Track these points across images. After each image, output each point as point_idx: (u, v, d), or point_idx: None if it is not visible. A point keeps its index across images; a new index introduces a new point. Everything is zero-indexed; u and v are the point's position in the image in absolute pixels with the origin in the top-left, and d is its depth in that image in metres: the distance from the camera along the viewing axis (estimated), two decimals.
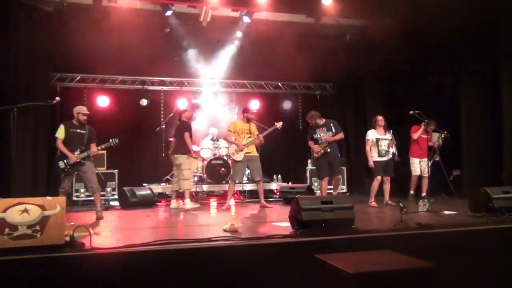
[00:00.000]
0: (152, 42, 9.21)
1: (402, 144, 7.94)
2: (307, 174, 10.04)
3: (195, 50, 10.16)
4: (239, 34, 9.81)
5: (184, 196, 7.54)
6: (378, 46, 8.33)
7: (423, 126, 7.49)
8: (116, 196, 8.75)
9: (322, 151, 7.12)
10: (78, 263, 3.27)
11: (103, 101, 10.13)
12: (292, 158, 11.13)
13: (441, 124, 7.58)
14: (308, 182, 9.79)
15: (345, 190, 9.57)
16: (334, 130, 7.23)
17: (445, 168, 7.34)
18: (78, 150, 6.03)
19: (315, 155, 7.34)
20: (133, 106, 10.35)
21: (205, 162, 9.51)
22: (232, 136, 7.51)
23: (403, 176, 8.03)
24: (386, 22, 7.84)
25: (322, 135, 7.23)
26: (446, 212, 5.70)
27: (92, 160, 6.32)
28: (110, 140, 6.31)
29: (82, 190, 8.43)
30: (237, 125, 7.60)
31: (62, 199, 3.62)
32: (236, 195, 8.91)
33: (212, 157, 9.70)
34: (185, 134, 7.50)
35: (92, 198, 6.55)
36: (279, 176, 10.05)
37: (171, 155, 7.81)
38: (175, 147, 7.75)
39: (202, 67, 10.53)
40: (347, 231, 4.09)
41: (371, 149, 7.41)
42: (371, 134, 7.45)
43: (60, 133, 6.08)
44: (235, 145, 7.40)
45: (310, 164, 10.22)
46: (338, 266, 3.04)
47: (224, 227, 4.50)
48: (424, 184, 7.76)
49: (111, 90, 10.32)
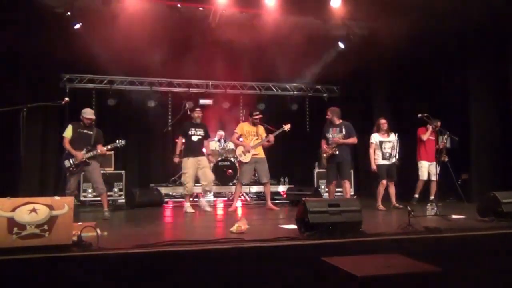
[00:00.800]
0: (160, 44, 9.24)
1: (410, 148, 7.90)
2: (314, 177, 10.01)
3: (203, 52, 10.18)
4: (247, 35, 9.80)
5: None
6: (386, 48, 8.29)
7: (430, 127, 7.44)
8: (123, 197, 8.78)
9: (330, 152, 7.00)
10: (85, 263, 3.28)
11: (111, 102, 10.18)
12: (299, 161, 11.12)
13: (450, 127, 7.52)
14: (315, 185, 9.76)
15: (352, 193, 9.52)
16: (345, 132, 7.02)
17: (454, 171, 7.29)
18: (84, 150, 6.07)
19: (323, 155, 7.25)
20: (141, 107, 10.40)
21: (212, 164, 9.51)
22: (238, 137, 7.50)
23: (410, 180, 7.98)
24: (394, 24, 7.81)
25: (334, 135, 7.06)
26: (454, 216, 5.66)
27: (99, 161, 6.35)
28: (116, 141, 6.35)
29: (90, 191, 8.48)
30: (244, 127, 7.60)
31: (70, 199, 3.64)
32: (243, 196, 8.91)
33: (219, 158, 9.71)
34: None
35: (99, 198, 6.58)
36: (286, 178, 10.03)
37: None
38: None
39: (210, 68, 10.54)
40: (354, 234, 4.06)
41: (375, 152, 7.36)
42: (375, 137, 7.40)
43: (68, 132, 6.13)
44: (242, 146, 7.40)
45: (317, 167, 10.20)
46: (345, 269, 3.03)
47: (231, 229, 4.50)
48: (433, 187, 7.69)
49: (119, 91, 10.38)
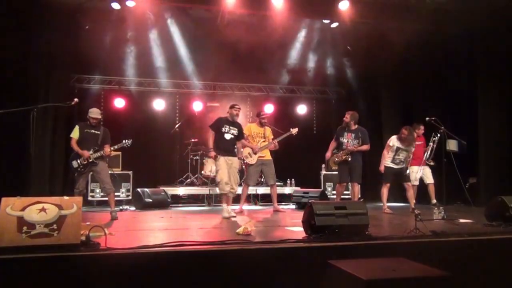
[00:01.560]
0: (168, 45, 9.31)
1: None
2: (321, 179, 10.00)
3: (211, 53, 10.22)
4: (255, 37, 9.83)
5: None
6: (394, 51, 8.28)
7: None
8: (130, 197, 8.83)
9: (343, 158, 6.97)
10: (93, 262, 3.31)
11: (119, 102, 10.25)
12: (306, 163, 11.09)
13: (458, 131, 7.49)
14: (321, 187, 9.75)
15: (359, 195, 9.49)
16: (361, 140, 6.97)
17: (461, 175, 7.25)
18: (91, 150, 6.11)
19: (336, 159, 7.15)
20: (148, 108, 10.47)
21: None
22: (246, 138, 7.51)
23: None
24: (403, 27, 7.81)
25: (348, 141, 7.03)
26: (461, 220, 5.63)
27: (106, 161, 6.40)
28: (123, 141, 6.39)
29: (98, 190, 8.54)
30: (251, 128, 7.62)
31: (79, 199, 3.68)
32: (249, 199, 8.92)
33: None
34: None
35: (107, 198, 6.63)
36: (292, 180, 10.03)
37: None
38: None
39: (217, 70, 10.58)
40: (360, 237, 4.06)
41: (388, 154, 7.31)
42: (393, 141, 7.28)
43: (75, 133, 6.19)
44: (249, 147, 7.41)
45: (324, 169, 10.19)
46: (351, 272, 3.03)
47: (238, 231, 4.51)
48: (431, 191, 7.63)
49: (128, 92, 10.45)
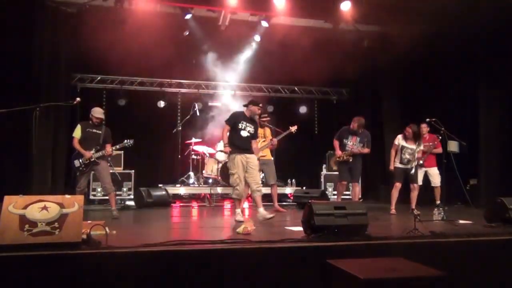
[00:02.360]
0: (170, 45, 9.33)
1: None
2: (322, 179, 10.02)
3: (213, 53, 10.27)
4: (257, 38, 9.90)
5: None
6: (396, 53, 8.29)
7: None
8: (132, 196, 8.87)
9: (344, 158, 7.05)
10: (94, 261, 3.34)
11: (121, 102, 10.28)
12: (307, 163, 11.13)
13: (459, 132, 7.49)
14: (322, 187, 9.78)
15: (360, 196, 9.52)
16: (365, 144, 7.11)
17: (462, 177, 7.26)
18: (93, 149, 6.14)
19: (337, 158, 7.21)
20: (150, 108, 10.51)
21: (220, 165, 9.57)
22: None
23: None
24: (405, 29, 7.82)
25: (352, 143, 7.12)
26: (461, 221, 5.65)
27: (108, 160, 6.42)
28: (124, 141, 6.41)
29: (99, 189, 8.57)
30: None
31: (80, 198, 3.71)
32: (250, 198, 8.94)
33: (227, 160, 9.75)
34: None
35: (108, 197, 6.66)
36: (293, 180, 10.06)
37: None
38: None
39: (219, 70, 10.62)
40: (359, 237, 4.09)
41: (395, 153, 7.30)
42: (399, 139, 7.29)
43: (77, 132, 6.22)
44: None
45: (324, 169, 10.21)
46: (350, 272, 3.05)
47: (238, 230, 4.54)
48: (437, 193, 7.64)
49: (129, 91, 10.48)
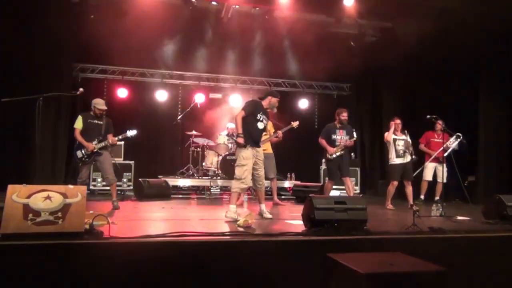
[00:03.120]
0: (172, 36, 9.34)
1: (417, 148, 7.92)
2: (321, 173, 10.07)
3: (214, 46, 10.25)
4: (258, 31, 9.88)
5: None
6: (397, 49, 8.30)
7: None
8: (132, 187, 8.90)
9: (338, 153, 7.11)
10: (97, 250, 3.38)
11: (122, 92, 10.30)
12: (306, 157, 11.17)
13: (458, 130, 7.52)
14: (321, 181, 9.82)
15: (358, 191, 9.59)
16: (352, 135, 7.23)
17: (460, 174, 7.31)
18: (96, 140, 6.16)
19: (328, 156, 7.30)
20: (151, 99, 10.52)
21: (220, 157, 9.60)
22: None
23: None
24: (406, 25, 7.83)
25: (341, 137, 7.20)
26: (459, 218, 5.70)
27: (110, 150, 6.44)
28: (127, 131, 6.42)
29: (99, 180, 8.60)
30: None
31: (83, 188, 3.74)
32: (249, 191, 8.98)
33: (226, 152, 9.78)
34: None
35: (109, 188, 6.69)
36: (292, 174, 10.10)
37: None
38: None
39: (220, 62, 10.61)
40: (359, 232, 4.13)
41: (388, 152, 7.38)
42: (389, 135, 7.38)
43: (78, 123, 6.23)
44: None
45: (324, 164, 10.25)
46: (350, 266, 3.09)
47: (238, 223, 4.58)
48: (438, 189, 7.70)
49: (130, 82, 10.49)
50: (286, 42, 9.48)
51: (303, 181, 9.68)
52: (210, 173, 9.73)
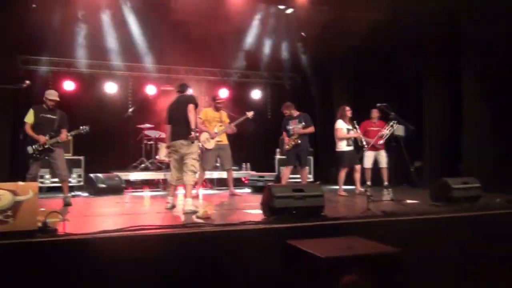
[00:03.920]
0: (119, 26, 9.05)
1: None
2: (276, 163, 10.17)
3: (162, 36, 10.02)
4: (208, 19, 9.75)
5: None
6: (348, 37, 8.46)
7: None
8: (82, 183, 8.61)
9: (293, 143, 7.30)
10: (52, 248, 3.26)
11: (69, 85, 9.87)
12: (261, 147, 11.24)
13: (405, 117, 7.84)
14: (276, 171, 9.93)
15: (312, 179, 9.77)
16: (304, 122, 7.39)
17: (409, 159, 7.63)
18: (47, 135, 5.90)
19: (286, 147, 7.46)
20: (100, 92, 10.18)
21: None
22: (202, 123, 7.51)
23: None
24: (355, 15, 8.03)
25: (293, 126, 7.39)
26: (408, 201, 5.96)
27: (62, 146, 6.19)
28: (80, 127, 6.20)
29: (47, 176, 8.24)
30: (208, 113, 7.63)
31: (35, 185, 3.58)
32: (204, 183, 8.95)
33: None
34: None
35: (59, 184, 6.44)
36: (248, 164, 10.14)
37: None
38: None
39: (170, 53, 10.38)
40: (317, 218, 4.23)
41: (340, 139, 7.53)
42: (340, 124, 7.57)
43: (29, 117, 5.94)
44: (207, 132, 7.43)
45: (278, 153, 10.36)
46: (310, 251, 3.18)
47: (197, 214, 4.56)
48: (384, 174, 8.00)
49: (78, 75, 10.07)
50: (235, 31, 9.38)
51: (258, 171, 9.76)
52: (164, 166, 9.58)
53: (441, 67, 8.47)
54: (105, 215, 5.35)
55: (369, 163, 7.99)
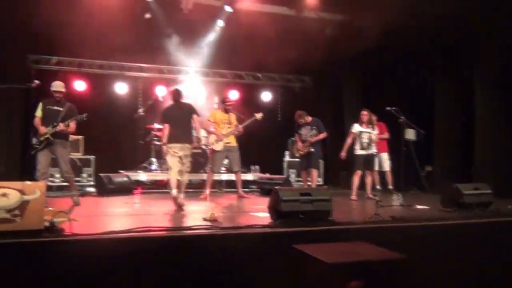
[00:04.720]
0: (132, 27, 9.07)
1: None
2: (284, 166, 10.13)
3: (175, 37, 10.07)
4: (220, 23, 9.80)
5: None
6: (358, 42, 8.42)
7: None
8: (92, 183, 8.66)
9: (306, 150, 7.42)
10: (58, 248, 3.27)
11: (80, 85, 9.95)
12: (270, 150, 11.21)
13: (416, 121, 7.75)
14: (285, 174, 9.89)
15: (321, 182, 9.72)
16: (317, 129, 7.46)
17: (418, 164, 7.56)
18: (50, 126, 5.90)
19: (300, 152, 7.55)
20: (111, 92, 10.24)
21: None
22: (211, 126, 7.54)
23: None
24: (367, 19, 7.97)
25: (306, 134, 7.47)
26: (418, 207, 5.89)
27: (66, 145, 6.12)
28: (77, 116, 6.06)
29: (57, 175, 8.29)
30: (216, 115, 7.63)
31: (42, 184, 3.60)
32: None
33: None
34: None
35: (67, 184, 6.46)
36: (256, 167, 10.11)
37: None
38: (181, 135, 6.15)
39: (182, 55, 10.44)
40: (324, 223, 4.19)
41: (354, 142, 7.45)
42: (355, 127, 7.47)
43: (38, 111, 5.98)
44: (215, 134, 7.43)
45: (287, 156, 10.32)
46: (315, 256, 3.14)
47: (204, 216, 4.54)
48: (388, 178, 7.89)
49: (88, 75, 10.14)
50: (247, 34, 9.40)
51: (267, 174, 9.72)
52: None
53: (453, 71, 8.38)
54: (113, 215, 5.36)
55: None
